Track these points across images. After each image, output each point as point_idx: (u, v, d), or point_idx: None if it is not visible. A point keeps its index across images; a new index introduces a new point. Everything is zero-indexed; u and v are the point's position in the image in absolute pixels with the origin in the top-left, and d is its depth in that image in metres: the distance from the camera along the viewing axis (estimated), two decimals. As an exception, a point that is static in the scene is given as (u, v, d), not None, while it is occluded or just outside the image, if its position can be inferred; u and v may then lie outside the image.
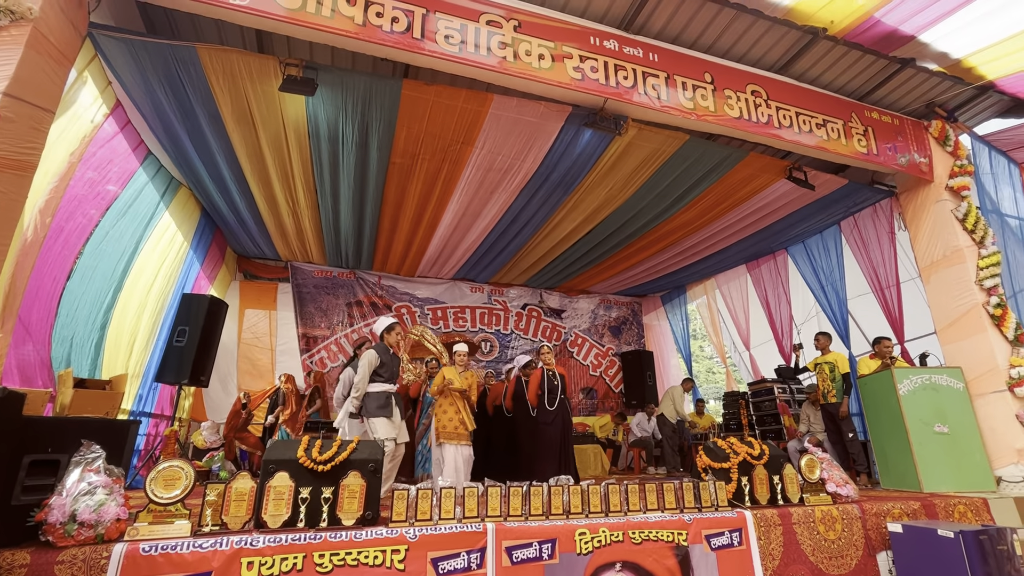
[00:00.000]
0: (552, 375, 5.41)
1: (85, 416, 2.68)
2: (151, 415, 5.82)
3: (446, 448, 4.78)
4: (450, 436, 4.80)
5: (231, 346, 7.58)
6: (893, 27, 4.52)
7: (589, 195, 5.93)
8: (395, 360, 4.57)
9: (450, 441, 4.79)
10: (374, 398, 4.30)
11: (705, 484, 3.42)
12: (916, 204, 5.68)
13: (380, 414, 4.24)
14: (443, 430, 4.82)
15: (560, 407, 5.31)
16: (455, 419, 4.83)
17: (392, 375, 4.46)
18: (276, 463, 2.64)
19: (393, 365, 4.50)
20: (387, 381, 4.39)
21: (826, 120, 5.02)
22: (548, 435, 5.23)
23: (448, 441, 4.79)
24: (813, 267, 7.02)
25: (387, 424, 4.24)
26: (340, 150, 4.95)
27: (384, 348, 4.51)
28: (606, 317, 10.14)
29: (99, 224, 4.47)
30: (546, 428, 5.24)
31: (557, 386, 5.37)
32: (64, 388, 2.80)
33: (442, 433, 4.82)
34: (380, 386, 4.36)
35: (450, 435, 4.80)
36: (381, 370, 4.38)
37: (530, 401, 5.36)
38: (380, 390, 4.34)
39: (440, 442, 4.80)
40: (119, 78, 3.90)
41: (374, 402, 4.28)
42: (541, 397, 5.33)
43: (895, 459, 4.99)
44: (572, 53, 4.11)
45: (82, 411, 2.74)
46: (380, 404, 4.28)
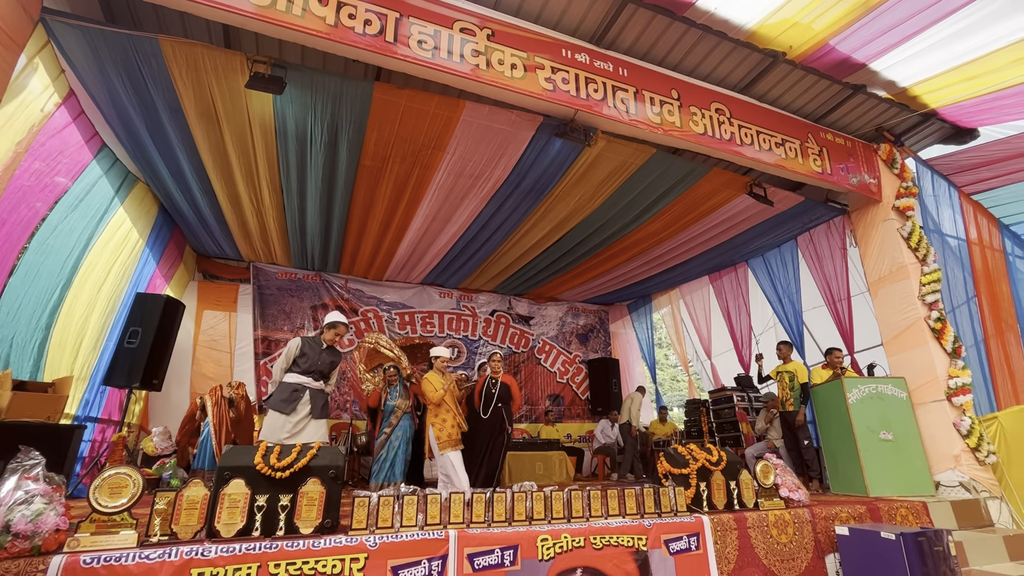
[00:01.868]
0: (492, 383, 5.37)
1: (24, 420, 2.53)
2: (98, 420, 5.53)
3: (451, 456, 4.60)
4: (456, 444, 4.66)
5: (187, 348, 7.29)
6: (846, 54, 4.78)
7: (558, 204, 6.01)
8: (324, 356, 4.22)
9: (455, 448, 4.65)
10: (280, 389, 4.03)
11: (665, 490, 3.50)
12: (866, 222, 6.00)
13: (276, 407, 3.93)
14: (448, 439, 4.64)
15: (494, 415, 5.21)
16: (455, 426, 4.71)
17: (312, 368, 4.12)
18: (232, 470, 2.55)
19: (318, 360, 4.17)
20: (303, 373, 4.08)
21: (784, 139, 5.25)
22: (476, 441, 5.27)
23: (453, 448, 4.64)
24: (771, 280, 7.30)
25: (274, 421, 3.90)
26: (308, 150, 4.86)
27: (314, 340, 4.24)
28: (574, 325, 10.25)
29: (47, 218, 4.23)
30: (476, 434, 5.26)
31: (494, 395, 5.32)
32: (1, 391, 2.64)
33: (447, 443, 4.63)
34: (293, 376, 4.06)
35: (456, 443, 4.66)
36: (300, 359, 4.10)
37: (476, 406, 5.42)
38: (291, 381, 4.04)
39: (444, 451, 4.60)
40: (73, 66, 3.73)
41: (279, 394, 4.00)
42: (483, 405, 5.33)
43: (844, 465, 5.22)
44: (544, 64, 4.18)
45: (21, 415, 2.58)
46: (283, 397, 3.97)
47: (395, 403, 5.58)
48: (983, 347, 5.76)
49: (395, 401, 5.59)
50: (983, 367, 5.65)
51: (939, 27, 4.37)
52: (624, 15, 4.32)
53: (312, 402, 4.07)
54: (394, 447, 5.39)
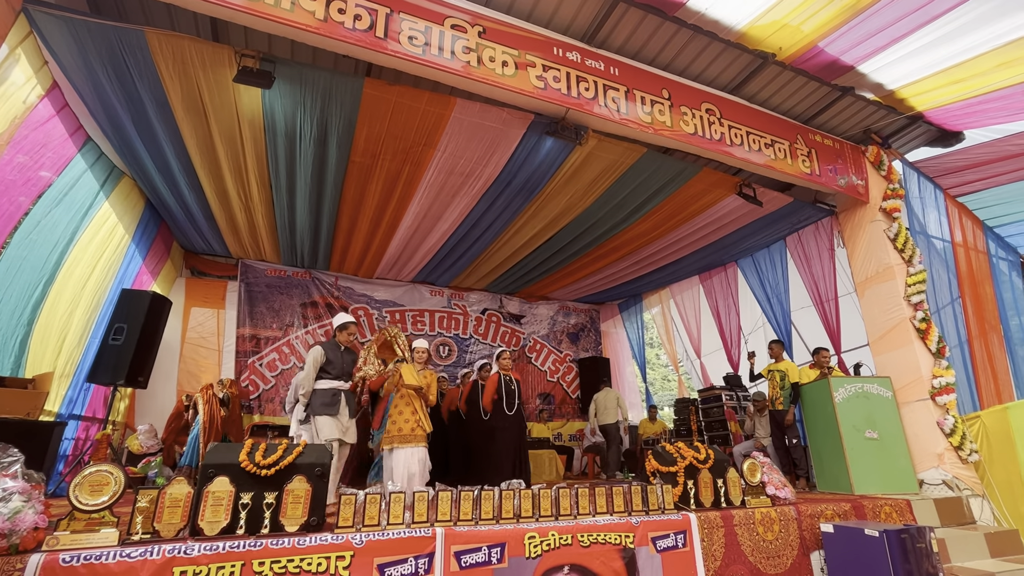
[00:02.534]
0: (508, 380, 5.44)
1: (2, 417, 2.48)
2: (81, 418, 5.45)
3: (397, 453, 4.35)
4: (405, 439, 4.39)
5: (174, 345, 7.20)
6: (835, 56, 4.83)
7: (550, 202, 6.01)
8: (346, 357, 4.47)
9: (404, 444, 4.39)
10: (320, 395, 4.22)
11: (653, 487, 3.52)
12: (853, 223, 6.06)
13: (325, 412, 4.16)
14: (398, 433, 4.41)
15: (517, 412, 5.36)
16: (411, 420, 4.46)
17: (341, 372, 4.37)
18: (216, 467, 2.53)
19: (343, 363, 4.41)
20: (336, 378, 4.31)
21: (774, 140, 5.29)
22: (504, 439, 5.25)
23: (402, 445, 4.39)
24: (760, 280, 7.35)
25: (331, 423, 4.14)
26: (297, 146, 4.82)
27: (333, 345, 4.43)
28: (565, 324, 10.26)
29: (29, 212, 4.16)
30: (503, 433, 5.26)
31: (514, 391, 5.42)
32: (-22, 386, 2.59)
33: (396, 436, 4.40)
34: (328, 383, 4.26)
35: (406, 437, 4.40)
36: (328, 367, 4.30)
37: (484, 406, 5.36)
38: (327, 387, 4.25)
39: (392, 447, 4.36)
40: (57, 58, 3.67)
41: (319, 399, 4.19)
42: (498, 402, 5.35)
43: (830, 463, 5.27)
44: (536, 62, 4.17)
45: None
46: (325, 401, 4.18)
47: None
48: (967, 347, 5.84)
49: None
50: (967, 367, 5.74)
51: (926, 30, 4.42)
52: (615, 14, 4.33)
53: (348, 403, 4.35)
54: None
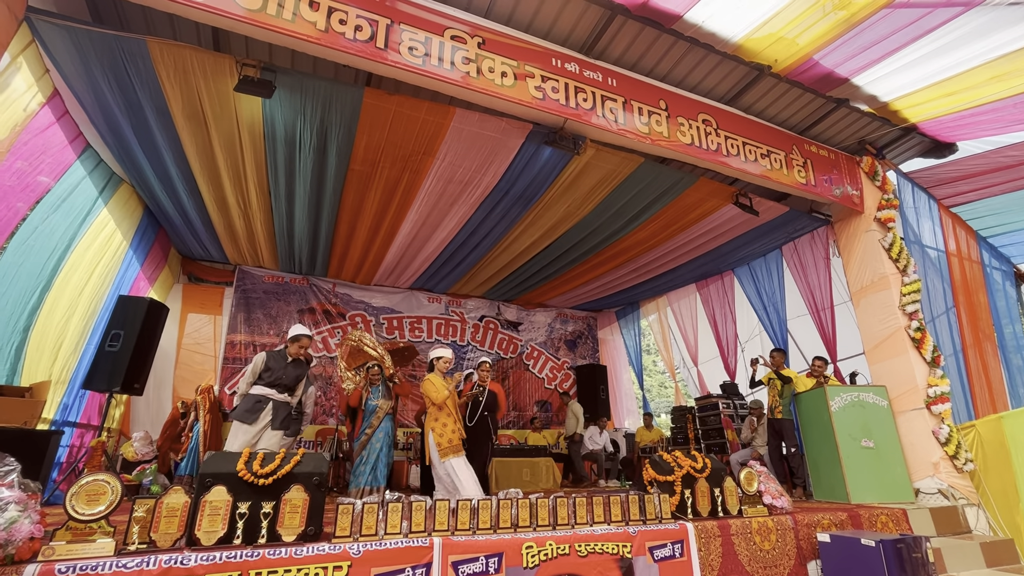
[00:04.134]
0: (480, 391, 5.32)
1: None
2: (76, 425, 5.42)
3: (454, 463, 4.32)
4: (456, 449, 4.40)
5: (170, 352, 7.18)
6: (830, 69, 4.89)
7: (547, 211, 6.04)
8: (290, 370, 4.44)
9: (456, 454, 4.38)
10: (245, 400, 4.27)
11: (650, 497, 3.52)
12: (848, 233, 6.11)
13: (239, 417, 4.17)
14: (449, 445, 4.37)
15: (480, 423, 5.11)
16: (456, 431, 4.43)
17: (276, 381, 4.34)
18: (213, 476, 2.52)
19: (283, 373, 4.38)
20: (268, 385, 4.31)
21: (770, 151, 5.34)
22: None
23: (455, 455, 4.37)
24: (757, 288, 7.39)
25: (242, 430, 4.13)
26: (297, 154, 4.84)
27: (279, 354, 4.47)
28: (562, 331, 10.28)
29: (27, 218, 4.16)
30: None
31: (481, 403, 5.23)
32: (-24, 395, 2.58)
33: (448, 448, 4.36)
34: (258, 389, 4.29)
35: (456, 448, 4.40)
36: (265, 374, 4.34)
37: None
38: (255, 393, 4.28)
39: (446, 458, 4.34)
40: (58, 66, 3.69)
41: (243, 404, 4.24)
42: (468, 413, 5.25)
43: (826, 472, 5.29)
44: (534, 73, 4.22)
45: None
46: (247, 407, 4.21)
47: (377, 403, 5.37)
48: (961, 356, 5.88)
49: (377, 401, 5.38)
50: (961, 376, 5.77)
51: (919, 44, 4.48)
52: (613, 26, 4.38)
53: (274, 413, 4.26)
54: (375, 449, 5.15)
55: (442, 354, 4.74)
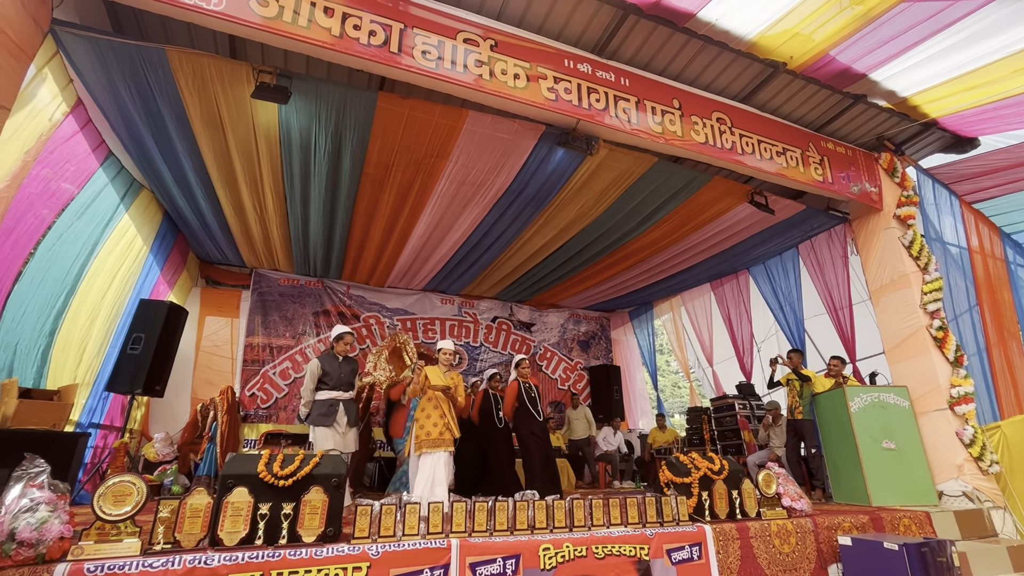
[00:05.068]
0: (529, 387, 5.42)
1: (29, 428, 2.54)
2: (100, 426, 5.54)
3: (423, 459, 4.10)
4: (434, 443, 4.11)
5: (189, 354, 7.30)
6: (846, 65, 4.82)
7: (560, 212, 6.03)
8: (344, 367, 4.64)
9: (434, 449, 4.11)
10: (318, 406, 4.46)
11: (667, 499, 3.50)
12: (867, 230, 6.01)
13: (320, 422, 4.37)
14: (427, 437, 4.12)
15: (545, 420, 5.34)
16: (440, 424, 4.18)
17: (339, 382, 4.55)
18: (235, 478, 2.56)
19: (340, 372, 4.59)
20: (333, 388, 4.51)
21: (786, 148, 5.28)
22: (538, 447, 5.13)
23: (431, 449, 4.10)
24: (773, 287, 7.30)
25: (327, 433, 4.34)
26: (312, 158, 4.89)
27: (330, 356, 4.66)
28: (575, 331, 10.25)
29: (53, 225, 4.27)
30: (536, 440, 5.17)
31: (535, 398, 5.37)
32: (7, 398, 2.65)
33: (425, 441, 4.12)
34: (325, 393, 4.48)
35: (434, 442, 4.12)
36: (325, 378, 4.53)
37: (505, 415, 5.36)
38: (324, 398, 4.46)
39: (420, 451, 4.12)
40: (81, 76, 3.77)
41: (317, 410, 4.43)
42: (520, 410, 5.29)
43: (846, 474, 5.20)
44: (547, 74, 4.22)
45: (26, 423, 2.60)
46: (322, 412, 4.40)
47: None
48: (985, 356, 5.75)
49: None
50: (986, 376, 5.65)
51: (939, 38, 4.40)
52: (626, 26, 4.36)
53: (347, 412, 4.49)
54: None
55: (443, 346, 4.57)
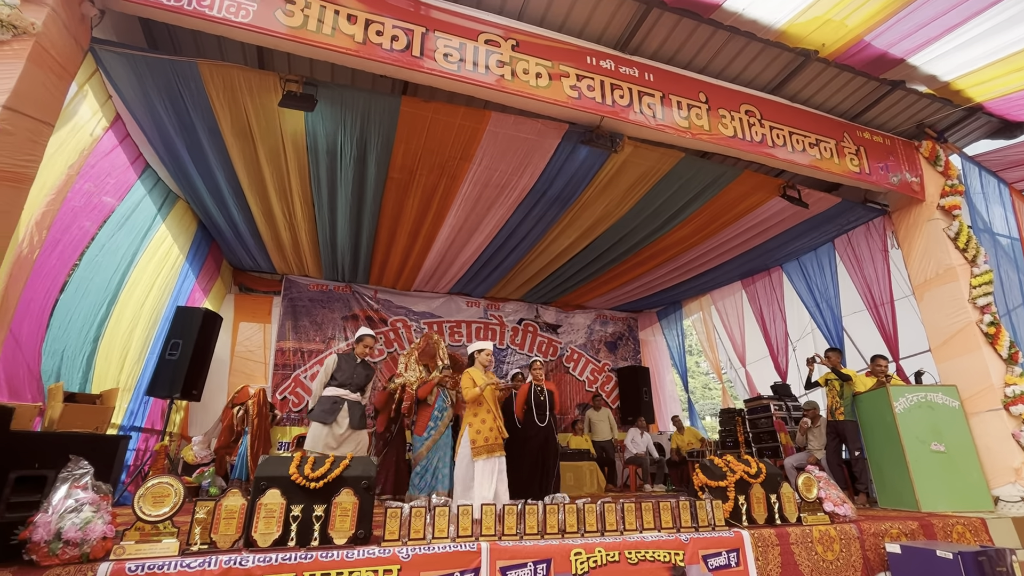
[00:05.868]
0: (540, 390, 5.36)
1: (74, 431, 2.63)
2: (141, 429, 5.74)
3: (480, 466, 4.03)
4: (492, 449, 4.10)
5: (224, 359, 7.51)
6: (883, 50, 4.62)
7: (585, 211, 5.97)
8: (359, 370, 4.56)
9: (491, 454, 4.09)
10: (321, 402, 4.34)
11: (702, 503, 3.39)
12: (908, 223, 5.75)
13: (321, 418, 4.25)
14: (484, 444, 4.07)
15: (548, 425, 5.21)
16: (494, 428, 4.15)
17: (348, 381, 4.44)
18: (268, 480, 2.60)
19: (354, 373, 4.49)
20: (340, 386, 4.41)
21: (819, 140, 5.09)
22: (530, 451, 5.15)
23: (490, 455, 4.08)
24: (808, 284, 7.06)
25: (322, 431, 4.21)
26: (338, 165, 4.97)
27: (350, 356, 4.60)
28: (602, 332, 10.13)
29: (95, 236, 4.45)
30: (528, 444, 5.18)
31: (544, 402, 5.30)
32: (54, 402, 2.76)
33: (483, 447, 4.06)
34: (332, 390, 4.39)
35: (491, 448, 4.10)
36: (337, 374, 4.44)
37: (516, 415, 5.33)
38: (330, 394, 4.37)
39: (478, 457, 4.06)
40: (119, 92, 3.93)
41: (320, 405, 4.32)
42: (528, 412, 5.28)
43: (892, 478, 4.96)
44: (569, 72, 4.18)
45: (71, 426, 2.69)
46: (325, 408, 4.29)
47: (447, 407, 5.37)
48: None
49: (447, 404, 5.39)
50: (1043, 374, 5.30)
51: (983, 17, 4.18)
52: (649, 20, 4.29)
53: (351, 413, 4.37)
54: (441, 452, 5.13)
55: (483, 347, 4.55)
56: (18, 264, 3.38)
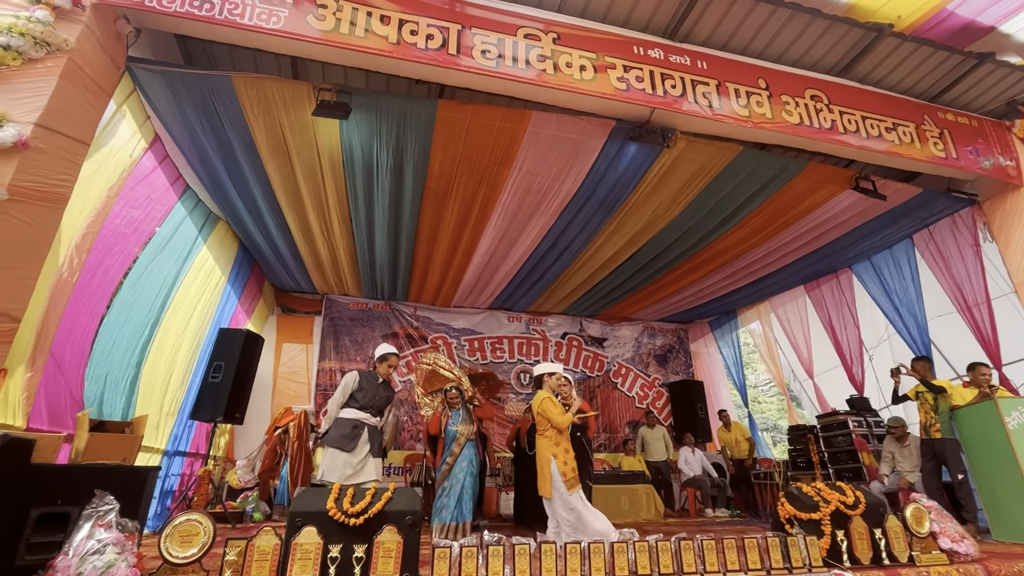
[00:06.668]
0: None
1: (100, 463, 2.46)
2: (186, 454, 5.68)
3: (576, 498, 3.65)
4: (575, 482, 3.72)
5: (268, 381, 7.47)
6: (968, 19, 4.11)
7: (633, 216, 5.60)
8: (381, 391, 4.10)
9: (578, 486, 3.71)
10: (339, 425, 3.87)
11: (793, 539, 2.92)
12: (1004, 212, 5.08)
13: (338, 444, 3.77)
14: (573, 475, 3.71)
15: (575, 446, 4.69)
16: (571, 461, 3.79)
17: (370, 404, 3.98)
18: (304, 516, 2.33)
19: (375, 394, 4.03)
20: (361, 408, 3.94)
21: (896, 123, 4.58)
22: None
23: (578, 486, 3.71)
24: (884, 286, 6.39)
25: (340, 458, 3.74)
26: (375, 177, 4.82)
27: (371, 374, 4.12)
28: (650, 345, 9.61)
29: (138, 259, 4.43)
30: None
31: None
32: (80, 432, 2.61)
33: (574, 480, 3.70)
34: (351, 412, 3.92)
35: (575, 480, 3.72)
36: (357, 394, 3.96)
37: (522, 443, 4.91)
38: (349, 416, 3.90)
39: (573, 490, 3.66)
40: (157, 112, 3.90)
41: (338, 429, 3.84)
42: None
43: (1008, 505, 4.27)
44: (615, 63, 3.88)
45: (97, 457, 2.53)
46: (344, 433, 3.81)
47: (457, 428, 4.88)
48: None
49: (457, 427, 4.90)
50: None
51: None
52: (700, 4, 3.97)
53: (371, 440, 3.91)
54: (458, 480, 4.66)
55: (553, 370, 3.99)
56: (58, 287, 3.32)
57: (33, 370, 3.13)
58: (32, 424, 3.08)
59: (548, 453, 3.75)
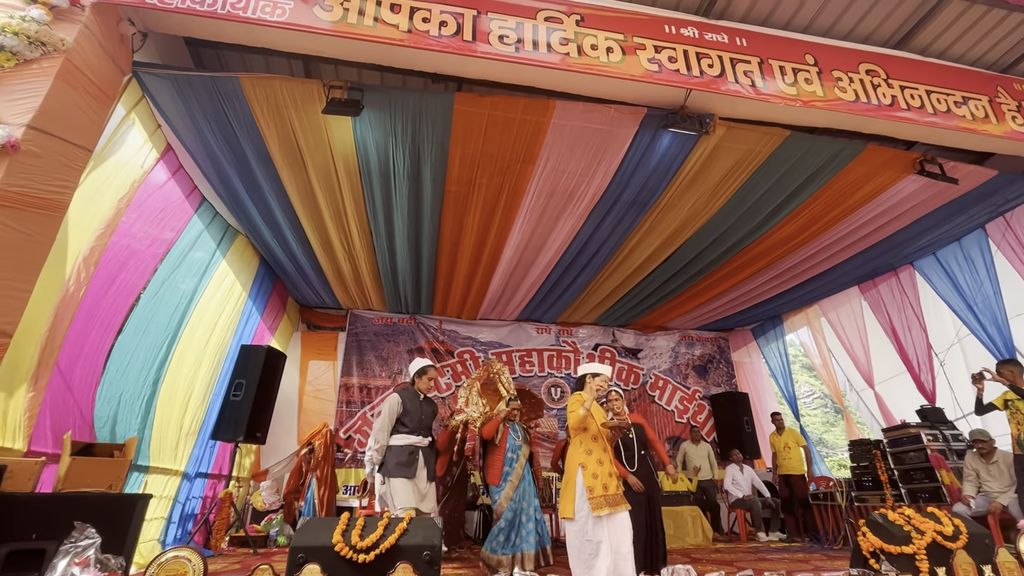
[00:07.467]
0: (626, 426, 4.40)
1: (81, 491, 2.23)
2: (208, 475, 5.51)
3: (604, 522, 3.04)
4: (615, 501, 3.11)
5: (293, 399, 7.31)
6: (1049, -26, 3.63)
7: (668, 214, 5.21)
8: (425, 408, 3.90)
9: (616, 508, 3.10)
10: (395, 452, 3.66)
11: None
12: (1097, 193, 4.47)
13: (399, 473, 3.57)
14: (604, 492, 3.09)
15: (642, 465, 4.17)
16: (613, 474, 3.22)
17: (419, 426, 3.80)
18: (306, 551, 2.03)
19: (421, 414, 3.86)
20: (412, 432, 3.75)
21: (967, 97, 4.08)
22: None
23: (613, 509, 3.08)
24: (953, 282, 5.76)
25: (407, 487, 3.54)
26: (392, 183, 4.61)
27: (412, 393, 3.90)
28: (689, 355, 9.06)
29: (155, 273, 4.31)
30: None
31: (633, 440, 4.35)
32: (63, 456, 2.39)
33: (604, 498, 3.08)
34: (404, 438, 3.71)
35: (614, 499, 3.11)
36: (405, 418, 3.76)
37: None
38: (403, 443, 3.69)
39: (600, 511, 3.04)
40: (167, 119, 3.78)
41: (394, 457, 3.64)
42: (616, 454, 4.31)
43: None
44: (645, 44, 3.55)
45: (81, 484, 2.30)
46: (401, 461, 3.61)
47: (519, 443, 4.44)
48: None
49: (519, 441, 4.46)
50: None
51: None
52: (736, -24, 3.62)
53: (427, 464, 3.73)
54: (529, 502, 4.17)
55: (599, 371, 3.46)
56: (64, 302, 3.18)
57: (36, 389, 2.96)
58: (34, 447, 2.90)
59: (576, 462, 3.22)
